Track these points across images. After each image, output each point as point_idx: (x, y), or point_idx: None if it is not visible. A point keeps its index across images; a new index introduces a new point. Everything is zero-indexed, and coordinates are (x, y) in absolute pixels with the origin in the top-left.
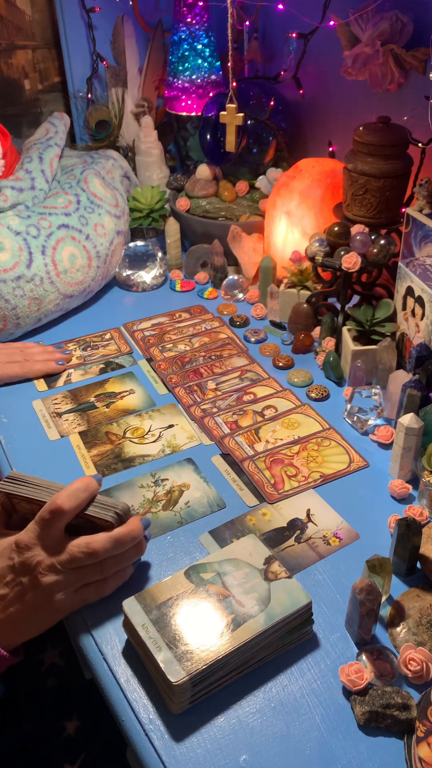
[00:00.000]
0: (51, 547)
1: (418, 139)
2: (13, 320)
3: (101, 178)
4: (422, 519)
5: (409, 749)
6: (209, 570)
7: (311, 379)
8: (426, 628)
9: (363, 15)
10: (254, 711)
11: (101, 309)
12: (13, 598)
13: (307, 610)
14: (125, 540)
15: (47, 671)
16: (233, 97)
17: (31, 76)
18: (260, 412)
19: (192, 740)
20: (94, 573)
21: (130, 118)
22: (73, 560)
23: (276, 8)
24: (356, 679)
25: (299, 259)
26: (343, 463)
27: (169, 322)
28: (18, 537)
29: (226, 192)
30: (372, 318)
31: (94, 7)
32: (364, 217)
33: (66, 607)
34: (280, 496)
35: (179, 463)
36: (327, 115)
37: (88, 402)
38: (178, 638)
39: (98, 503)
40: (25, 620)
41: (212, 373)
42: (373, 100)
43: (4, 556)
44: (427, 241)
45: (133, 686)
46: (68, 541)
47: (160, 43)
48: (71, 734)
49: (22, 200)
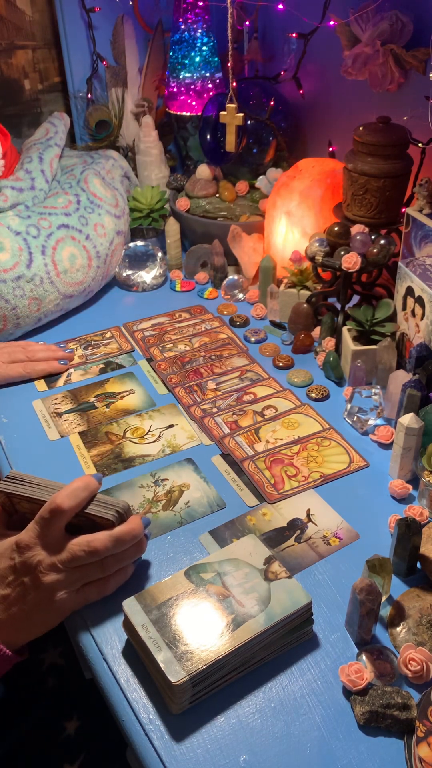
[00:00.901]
0: (52, 546)
1: (418, 139)
2: (13, 320)
3: (101, 178)
4: (422, 519)
5: (409, 749)
6: (209, 570)
7: (311, 379)
8: (426, 628)
9: (363, 15)
10: (254, 711)
11: (101, 309)
12: (15, 598)
13: (307, 610)
14: (126, 538)
15: (47, 671)
16: (233, 97)
17: (31, 76)
18: (260, 412)
19: (192, 740)
20: (95, 572)
21: (130, 118)
22: (74, 559)
23: (276, 8)
24: (356, 679)
25: (299, 259)
26: (343, 463)
27: (169, 322)
28: (19, 537)
29: (226, 192)
30: (372, 318)
31: (94, 7)
32: (364, 217)
33: (68, 607)
34: (280, 496)
35: (179, 463)
36: (327, 115)
37: (88, 402)
38: (178, 638)
39: (98, 502)
40: (27, 620)
41: (212, 373)
42: (373, 100)
43: (5, 556)
44: (427, 241)
45: (133, 686)
46: (69, 540)
47: (160, 43)
48: (71, 734)
49: (22, 200)
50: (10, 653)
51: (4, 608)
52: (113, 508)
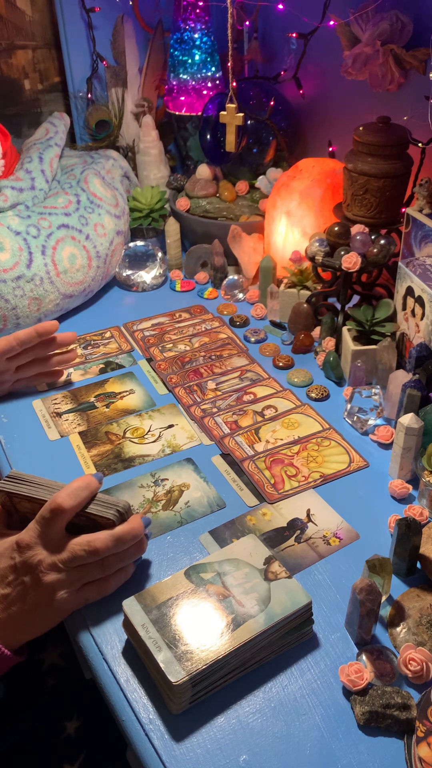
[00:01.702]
0: (52, 546)
1: (418, 139)
2: (13, 320)
3: (101, 178)
4: (422, 519)
5: (409, 749)
6: (209, 570)
7: (311, 379)
8: (426, 628)
9: (363, 15)
10: (254, 711)
11: (101, 309)
12: (15, 597)
13: (307, 610)
14: (127, 538)
15: (47, 671)
16: (233, 97)
17: (31, 76)
18: (260, 412)
19: (192, 740)
20: (95, 571)
21: (130, 118)
22: (75, 558)
23: (276, 8)
24: (356, 679)
25: (299, 259)
26: (343, 463)
27: (169, 322)
28: (19, 537)
29: (226, 192)
30: (372, 318)
31: (94, 7)
32: (364, 217)
33: (68, 606)
34: (280, 496)
35: (179, 463)
36: (327, 115)
37: (88, 402)
38: (178, 638)
39: (99, 501)
40: (27, 619)
41: (212, 373)
42: (373, 100)
43: (6, 556)
44: (427, 241)
45: (133, 686)
46: (69, 540)
47: (160, 43)
48: (71, 734)
49: (22, 200)
50: (9, 653)
51: (4, 607)
52: (114, 508)
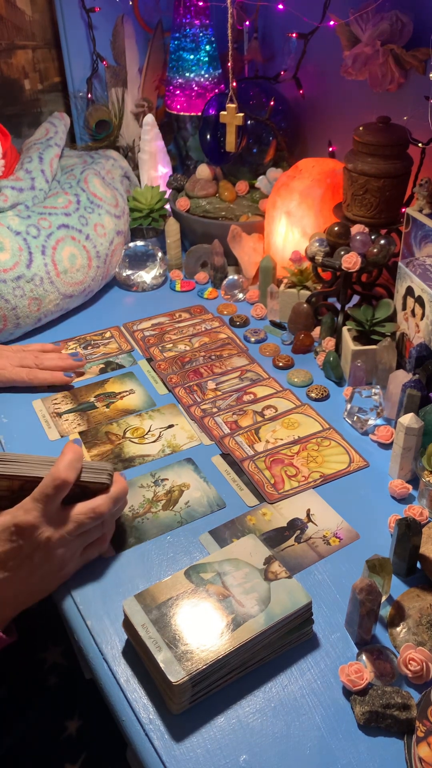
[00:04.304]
0: (56, 521)
1: (418, 139)
2: (13, 320)
3: (101, 178)
4: (422, 519)
5: (409, 749)
6: (209, 570)
7: (311, 379)
8: (426, 628)
9: (363, 15)
10: (254, 711)
11: (101, 309)
12: (23, 577)
13: (307, 610)
14: (121, 496)
15: (49, 670)
16: (233, 97)
17: (31, 76)
18: (260, 412)
19: (192, 740)
20: (96, 533)
21: (130, 118)
22: (81, 527)
23: (276, 8)
24: (356, 679)
25: (299, 259)
26: (343, 463)
27: (169, 322)
28: (17, 520)
29: (226, 192)
30: (372, 318)
31: (94, 7)
32: (364, 217)
33: (72, 571)
34: (280, 496)
35: (179, 463)
36: (327, 115)
37: (88, 402)
38: (178, 638)
39: (88, 469)
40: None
41: (212, 373)
42: (373, 100)
43: (2, 539)
44: (427, 241)
45: (133, 686)
46: (70, 511)
47: (160, 43)
48: (72, 734)
49: (22, 200)
50: (3, 636)
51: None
52: (105, 472)
